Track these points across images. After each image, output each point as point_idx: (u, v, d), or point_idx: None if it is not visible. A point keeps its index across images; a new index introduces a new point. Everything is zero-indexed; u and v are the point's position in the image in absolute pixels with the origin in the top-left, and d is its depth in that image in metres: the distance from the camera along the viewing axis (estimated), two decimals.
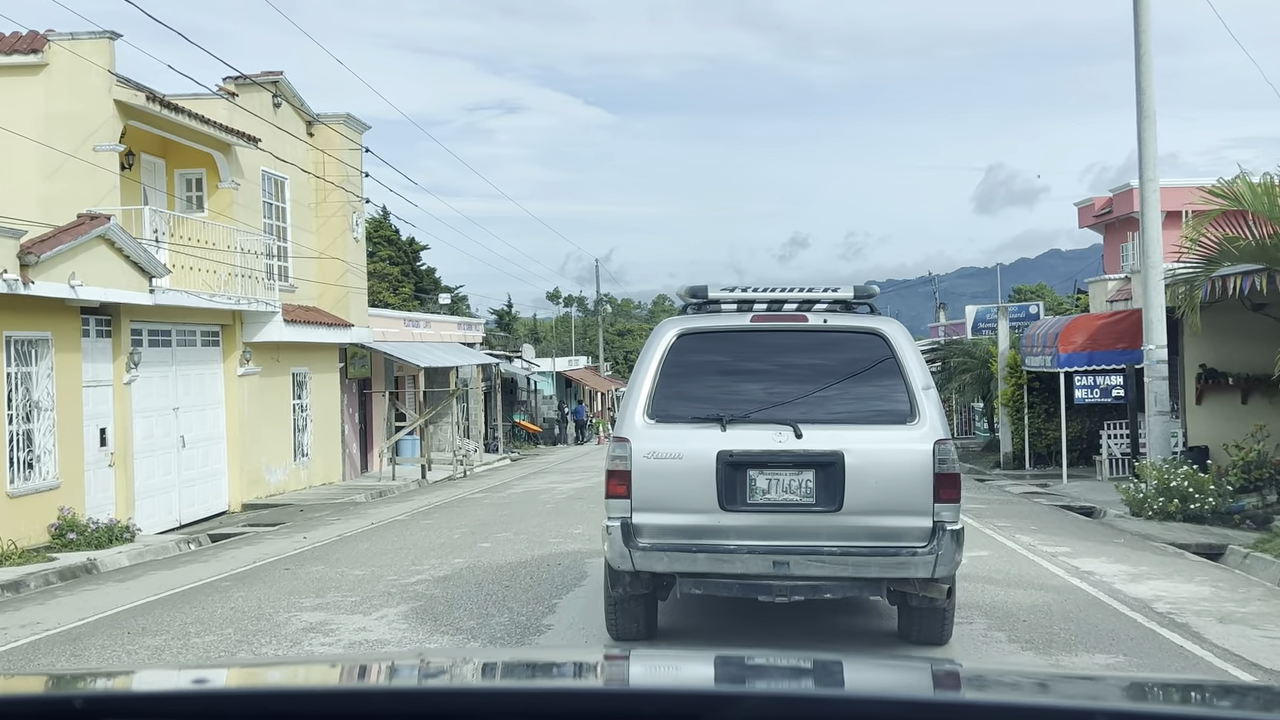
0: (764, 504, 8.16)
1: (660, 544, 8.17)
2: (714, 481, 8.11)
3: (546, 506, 19.81)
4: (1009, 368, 28.55)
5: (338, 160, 27.99)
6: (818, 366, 8.57)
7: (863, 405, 8.39)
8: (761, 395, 8.48)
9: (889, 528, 8.16)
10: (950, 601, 8.68)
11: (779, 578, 8.10)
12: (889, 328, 8.64)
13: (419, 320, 35.08)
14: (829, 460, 8.10)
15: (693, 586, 8.31)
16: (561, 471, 29.99)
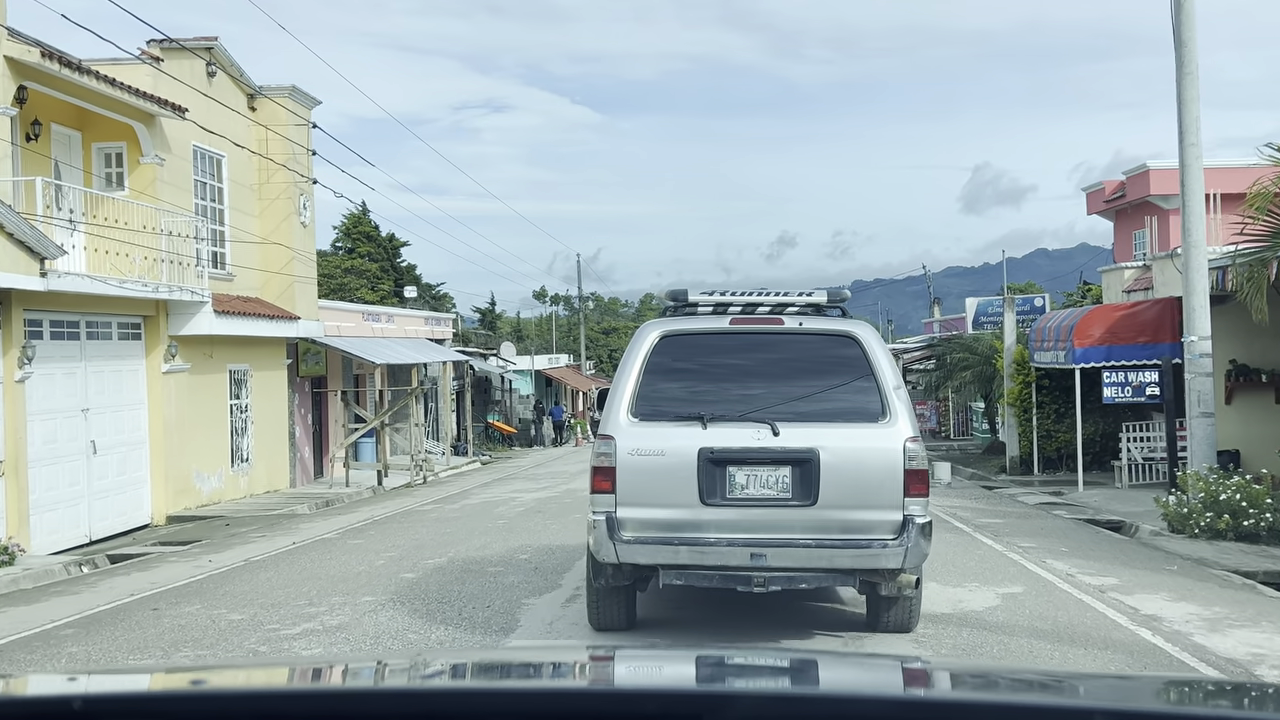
0: (742, 499, 8.40)
1: (643, 537, 8.40)
2: (695, 477, 8.37)
3: (499, 522, 17.12)
4: (1016, 364, 25.93)
5: (283, 137, 25.26)
6: (793, 367, 8.77)
7: (836, 404, 8.59)
8: (740, 394, 8.66)
9: (861, 521, 8.37)
10: (918, 591, 8.93)
11: (756, 569, 8.31)
12: (861, 330, 8.91)
13: (379, 314, 32.36)
14: (805, 457, 8.35)
15: (674, 577, 8.49)
16: (528, 478, 27.30)
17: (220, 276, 23.91)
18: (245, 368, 24.54)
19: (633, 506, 8.42)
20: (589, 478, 8.77)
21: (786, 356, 8.81)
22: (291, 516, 20.74)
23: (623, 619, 9.15)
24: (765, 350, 8.84)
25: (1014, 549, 13.73)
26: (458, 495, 22.96)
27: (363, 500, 23.88)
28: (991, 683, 2.58)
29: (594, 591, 9.10)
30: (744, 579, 8.33)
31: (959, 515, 17.43)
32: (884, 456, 8.34)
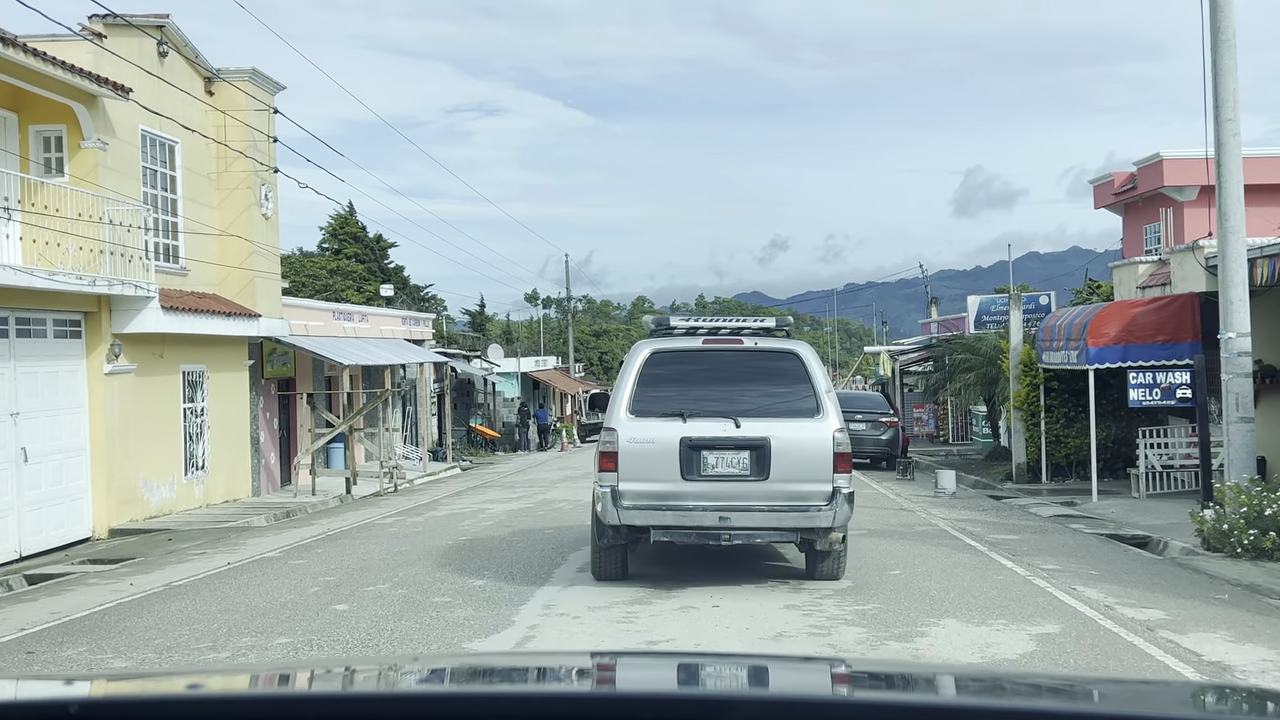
0: (713, 475, 10.86)
1: (638, 504, 10.81)
2: (677, 459, 10.82)
3: (460, 539, 15.36)
4: (1022, 365, 24.24)
5: (242, 123, 23.50)
6: (750, 376, 11.16)
7: (782, 404, 11.02)
8: (710, 397, 11.05)
9: (801, 491, 10.82)
10: (844, 547, 11.35)
11: (723, 528, 10.79)
12: (801, 349, 11.45)
13: (352, 313, 30.60)
14: (760, 443, 10.82)
15: (661, 535, 10.92)
16: (505, 486, 25.55)
17: (173, 271, 22.16)
18: (201, 368, 22.79)
19: (631, 481, 10.84)
20: (596, 462, 11.23)
21: (745, 368, 11.28)
22: (243, 530, 18.99)
23: (619, 571, 11.53)
24: (728, 363, 11.33)
25: (1038, 573, 12.01)
26: (425, 506, 21.21)
27: (326, 511, 22.13)
28: (998, 688, 2.50)
29: (597, 550, 11.50)
30: (714, 536, 10.85)
31: (969, 530, 15.73)
32: (818, 443, 10.89)
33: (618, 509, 10.76)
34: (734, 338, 11.46)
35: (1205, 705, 2.35)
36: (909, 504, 19.52)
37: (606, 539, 11.16)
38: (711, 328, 11.74)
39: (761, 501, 10.78)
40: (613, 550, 11.33)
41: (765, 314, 18.07)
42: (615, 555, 11.38)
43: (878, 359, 39.09)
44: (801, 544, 11.36)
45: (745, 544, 11.36)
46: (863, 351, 67.49)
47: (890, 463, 27.98)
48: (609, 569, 11.46)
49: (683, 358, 11.37)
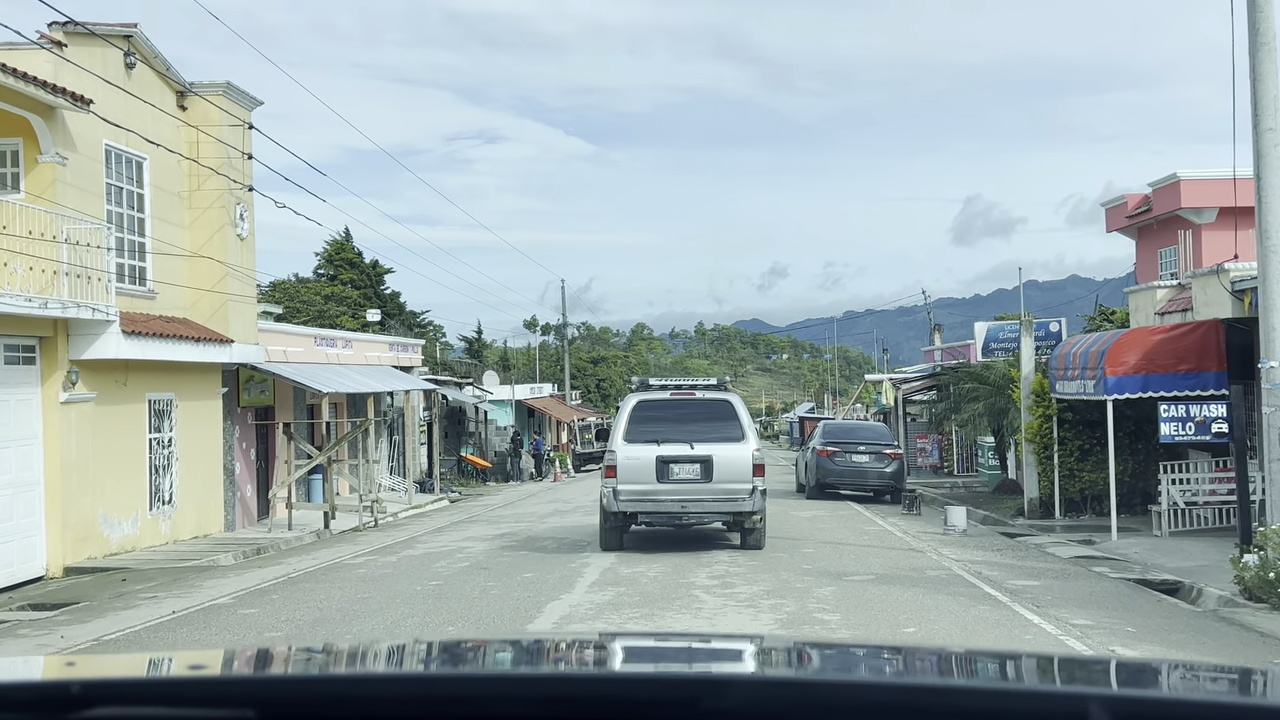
0: (677, 479, 16.45)
1: (629, 498, 16.42)
2: (654, 468, 16.36)
3: (431, 584, 14.02)
4: (1034, 395, 22.94)
5: (216, 140, 22.29)
6: (700, 415, 16.78)
7: (720, 433, 16.57)
8: (675, 429, 16.65)
9: (732, 489, 16.36)
10: (762, 525, 17.04)
11: (684, 514, 16.68)
12: (732, 398, 17.25)
13: (334, 339, 29.30)
14: (706, 458, 16.40)
15: (644, 519, 17.03)
16: (490, 520, 24.17)
17: (139, 294, 20.91)
18: (169, 397, 21.49)
19: (624, 483, 16.16)
20: (602, 472, 17.00)
21: (696, 411, 16.65)
22: (205, 570, 17.64)
23: (618, 544, 16.84)
24: (686, 408, 16.71)
25: (1068, 630, 10.67)
26: (402, 544, 19.85)
27: (299, 547, 20.78)
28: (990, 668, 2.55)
29: (603, 529, 17.02)
30: (677, 519, 16.69)
31: (986, 575, 14.39)
32: (743, 458, 16.29)
33: (616, 501, 16.37)
34: (689, 392, 17.40)
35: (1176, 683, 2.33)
36: (917, 543, 18.18)
37: (610, 522, 16.88)
38: (675, 385, 17.85)
39: (708, 496, 16.32)
40: (614, 530, 16.96)
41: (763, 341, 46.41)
42: (615, 534, 17.01)
43: (880, 387, 37.73)
44: (733, 524, 17.20)
45: (698, 525, 17.43)
46: (863, 380, 66.18)
47: (895, 496, 26.65)
48: (611, 543, 16.99)
49: (657, 405, 16.94)
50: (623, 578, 14.01)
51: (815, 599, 12.23)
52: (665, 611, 11.48)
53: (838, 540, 18.31)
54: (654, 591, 12.84)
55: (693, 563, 15.46)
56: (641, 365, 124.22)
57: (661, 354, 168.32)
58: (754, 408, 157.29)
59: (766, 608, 11.70)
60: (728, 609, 11.64)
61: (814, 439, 28.16)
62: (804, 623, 10.79)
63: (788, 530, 19.93)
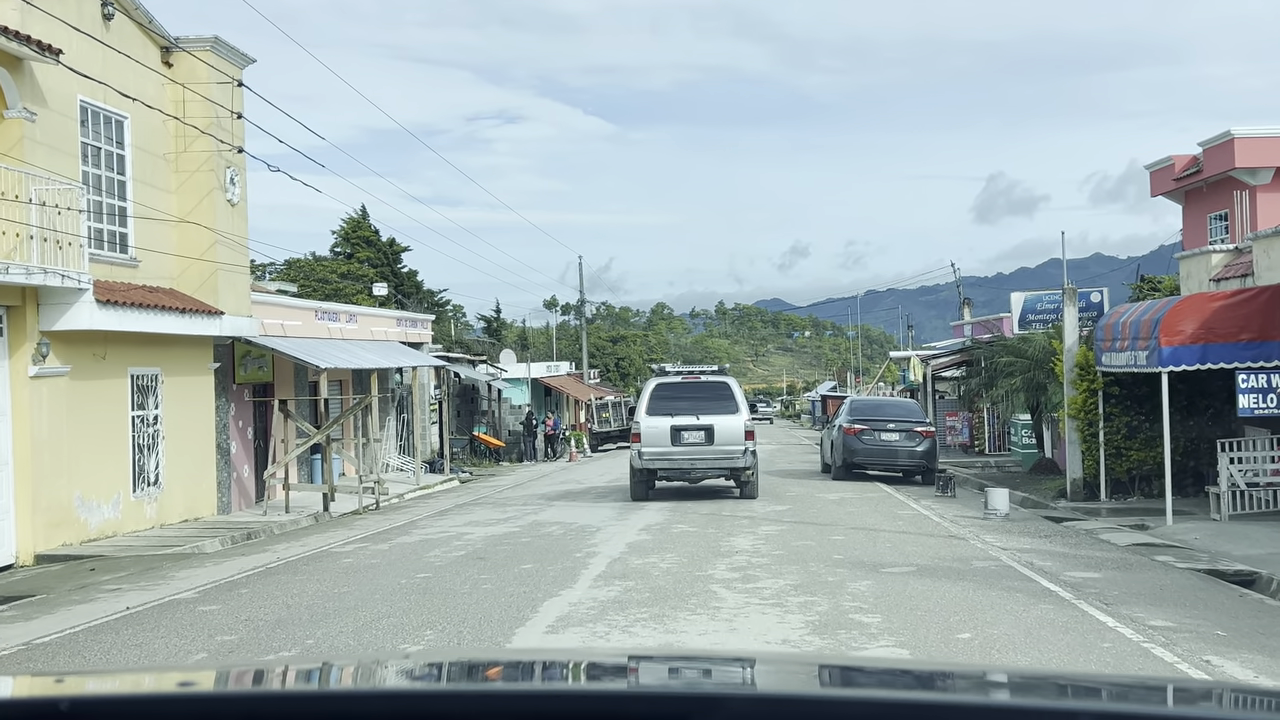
0: (687, 443, 20.68)
1: (650, 458, 20.73)
2: (669, 435, 20.62)
3: (419, 576, 12.48)
4: (1078, 369, 21.25)
5: (204, 98, 20.76)
6: (704, 393, 21.21)
7: (720, 407, 20.94)
8: (686, 404, 21.10)
9: (730, 449, 20.58)
10: (755, 479, 21.37)
11: (693, 470, 21.04)
12: (729, 380, 21.77)
13: (337, 312, 27.79)
14: (709, 426, 20.63)
15: (662, 475, 21.26)
16: (497, 504, 22.64)
17: (120, 261, 19.45)
18: (154, 372, 20.04)
19: (647, 447, 20.71)
20: (629, 439, 22.18)
21: (701, 390, 21.28)
22: (185, 557, 16.19)
23: (645, 494, 21.22)
24: (695, 388, 21.34)
25: (1149, 634, 9.04)
26: (400, 528, 18.36)
27: (292, 532, 19.34)
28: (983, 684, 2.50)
29: (633, 483, 21.44)
30: (688, 475, 21.31)
31: (1039, 566, 12.76)
32: (737, 426, 20.74)
33: (641, 461, 20.70)
34: (696, 375, 21.90)
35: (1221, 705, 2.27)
36: (957, 528, 16.55)
37: (637, 477, 21.14)
38: (686, 370, 22.56)
39: (711, 455, 20.59)
40: (641, 484, 21.16)
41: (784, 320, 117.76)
42: (642, 486, 21.21)
43: (908, 364, 35.98)
44: (730, 477, 21.30)
45: (704, 480, 21.85)
46: (888, 357, 64.28)
47: (926, 476, 24.99)
48: (639, 493, 21.21)
49: (672, 386, 21.39)
50: (632, 569, 12.45)
51: (850, 596, 10.64)
52: (678, 612, 9.91)
53: (870, 526, 16.69)
54: (666, 586, 11.27)
55: (710, 551, 13.89)
56: (661, 345, 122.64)
57: (682, 333, 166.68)
58: (775, 387, 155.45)
59: (795, 607, 10.11)
60: (750, 608, 10.06)
61: (840, 417, 26.50)
62: (840, 626, 9.21)
63: (815, 514, 18.34)
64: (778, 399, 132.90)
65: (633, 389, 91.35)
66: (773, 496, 21.79)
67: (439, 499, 24.92)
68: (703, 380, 21.44)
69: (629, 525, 17.01)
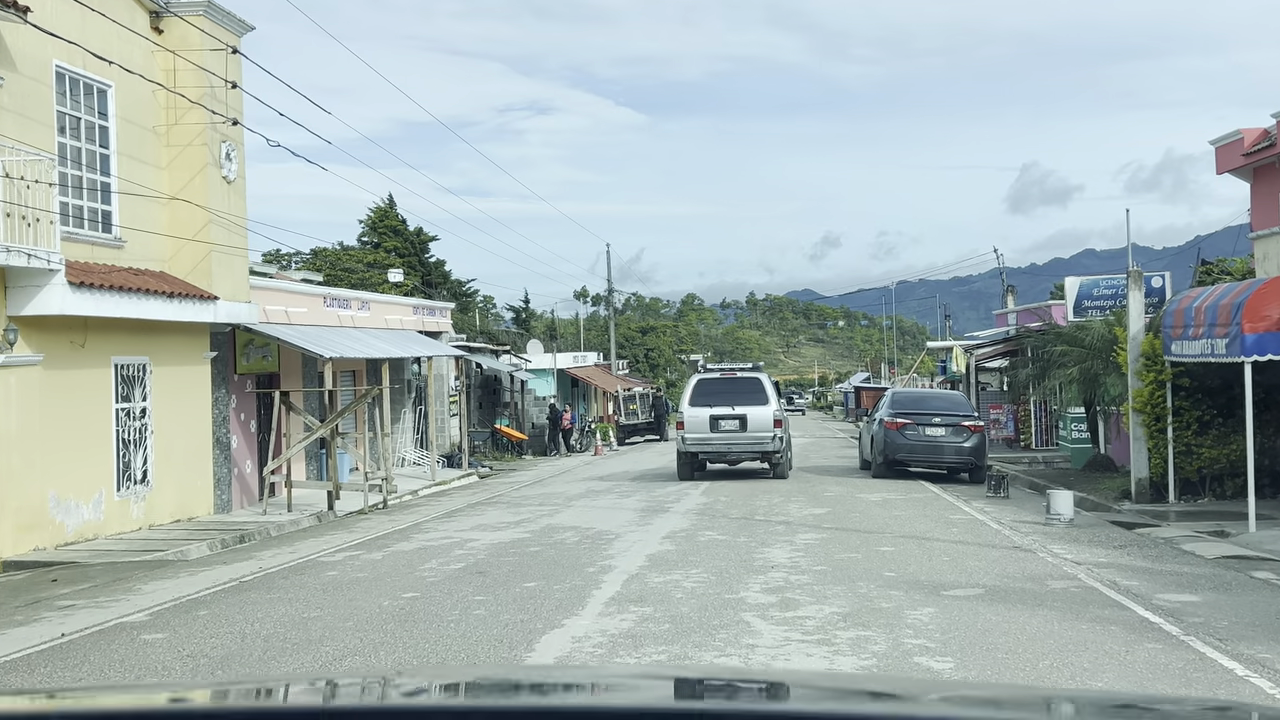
0: (723, 430, 23.44)
1: (692, 443, 23.75)
2: (708, 423, 23.48)
3: (403, 599, 10.70)
4: (1144, 358, 19.27)
5: (197, 67, 19.09)
6: (739, 387, 23.94)
7: (752, 398, 23.52)
8: (723, 396, 23.75)
9: (761, 435, 23.34)
10: (784, 460, 24.00)
11: (730, 453, 23.85)
12: (761, 375, 24.56)
13: (349, 299, 26.10)
14: (743, 415, 23.34)
15: (704, 457, 24.17)
16: (512, 503, 20.88)
17: (103, 241, 17.82)
18: (142, 361, 18.41)
19: (689, 433, 23.68)
20: (674, 428, 27.96)
21: (736, 384, 24.02)
22: (162, 565, 14.54)
23: (690, 475, 24.05)
24: (731, 383, 24.12)
25: None
26: (402, 532, 16.66)
27: (290, 534, 17.71)
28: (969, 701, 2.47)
29: (679, 464, 24.36)
30: (725, 456, 24.01)
31: (1124, 586, 10.86)
32: (767, 415, 23.39)
33: (685, 445, 23.68)
34: (731, 371, 24.88)
35: None
36: (1020, 537, 14.65)
37: (682, 460, 24.02)
38: (724, 367, 25.67)
39: (744, 440, 23.33)
40: (686, 465, 24.00)
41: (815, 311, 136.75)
42: (687, 468, 24.04)
43: (949, 354, 33.93)
44: (763, 459, 23.80)
45: (740, 463, 24.26)
46: (925, 347, 62.10)
47: (974, 474, 23.04)
48: (685, 474, 24.01)
49: (711, 381, 24.10)
50: (651, 591, 10.63)
51: (911, 629, 8.80)
52: (703, 652, 8.09)
53: (921, 534, 14.80)
54: (690, 615, 9.44)
55: (741, 566, 12.08)
56: (691, 336, 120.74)
57: (712, 324, 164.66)
58: (806, 378, 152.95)
59: (846, 645, 8.27)
60: (791, 646, 8.25)
61: (881, 409, 24.57)
62: (904, 671, 7.37)
63: (857, 519, 16.47)
64: (809, 390, 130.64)
65: (662, 379, 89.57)
66: (809, 497, 19.94)
67: (452, 497, 23.21)
68: (738, 376, 24.40)
69: (651, 532, 15.21)
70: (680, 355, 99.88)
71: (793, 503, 18.93)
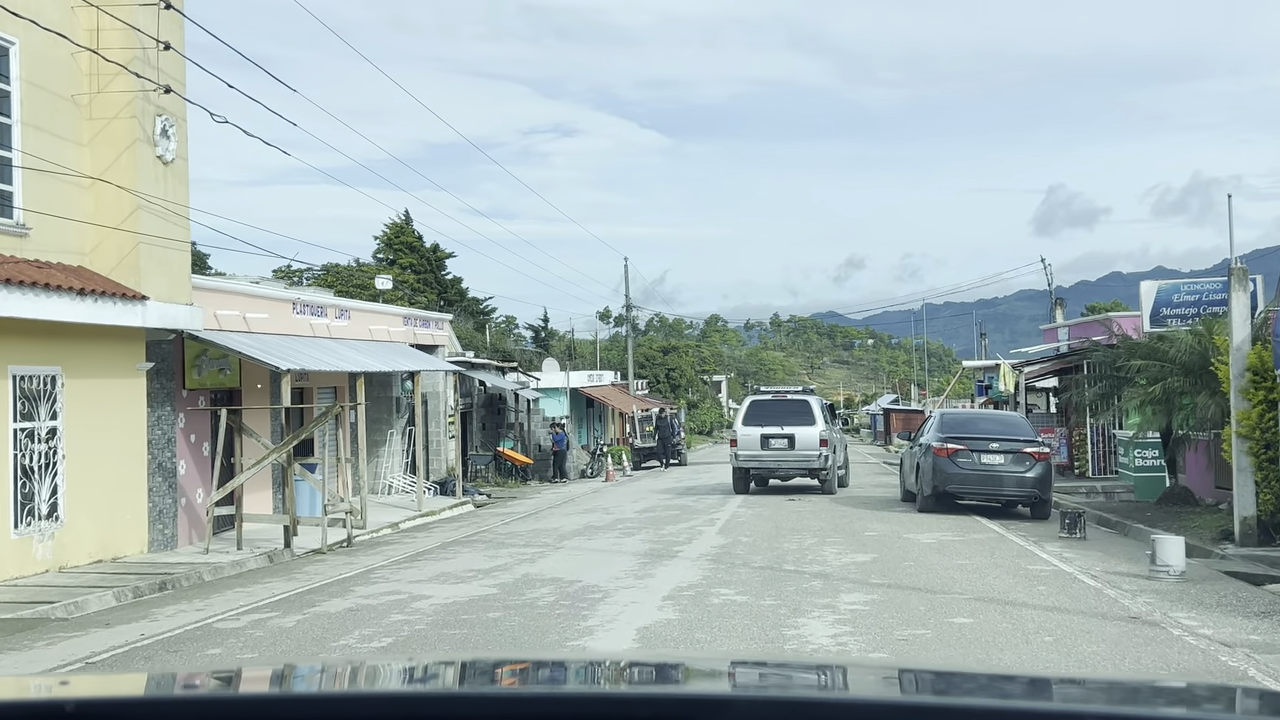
0: (773, 448, 24.93)
1: (744, 460, 25.27)
2: (759, 441, 24.99)
3: None
4: (1250, 374, 15.82)
5: (127, 26, 15.96)
6: (790, 409, 25.43)
7: (801, 419, 25.05)
8: (773, 417, 25.22)
9: (808, 454, 24.79)
10: (832, 477, 25.27)
11: (779, 469, 25.37)
12: (811, 398, 26.22)
13: (322, 306, 22.85)
14: (791, 435, 24.84)
15: (755, 474, 25.67)
16: (494, 543, 17.43)
17: (1, 228, 14.67)
18: (50, 372, 15.23)
19: (742, 450, 25.22)
20: (728, 447, 28.32)
21: (787, 406, 25.61)
22: (39, 623, 11.30)
23: (744, 489, 25.39)
24: (781, 405, 25.70)
25: None
26: (344, 583, 13.32)
27: (228, 579, 14.48)
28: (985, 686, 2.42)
29: (734, 478, 25.82)
30: (773, 473, 25.62)
31: None
32: (814, 435, 24.76)
33: (738, 460, 25.25)
34: (783, 394, 26.67)
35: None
36: (1127, 598, 11.18)
37: (736, 474, 25.63)
38: (776, 390, 27.55)
39: (793, 458, 24.93)
40: (740, 480, 25.62)
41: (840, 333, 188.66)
42: (741, 483, 25.65)
43: (996, 373, 30.40)
44: (812, 476, 25.34)
45: (791, 478, 25.84)
46: (960, 366, 58.38)
47: (1037, 509, 19.58)
48: (740, 488, 25.58)
49: (764, 403, 25.92)
50: None
51: None
52: None
53: (1001, 595, 11.32)
54: None
55: (776, 634, 8.68)
56: (715, 356, 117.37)
57: (736, 345, 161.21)
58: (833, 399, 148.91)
59: None
60: None
61: (927, 433, 21.10)
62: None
63: (912, 571, 13.00)
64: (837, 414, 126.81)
65: (684, 400, 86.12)
66: (848, 537, 16.52)
67: (432, 532, 19.90)
68: (789, 398, 26.05)
69: (650, 588, 11.77)
70: (703, 376, 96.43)
71: (829, 545, 15.49)
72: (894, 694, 2.22)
